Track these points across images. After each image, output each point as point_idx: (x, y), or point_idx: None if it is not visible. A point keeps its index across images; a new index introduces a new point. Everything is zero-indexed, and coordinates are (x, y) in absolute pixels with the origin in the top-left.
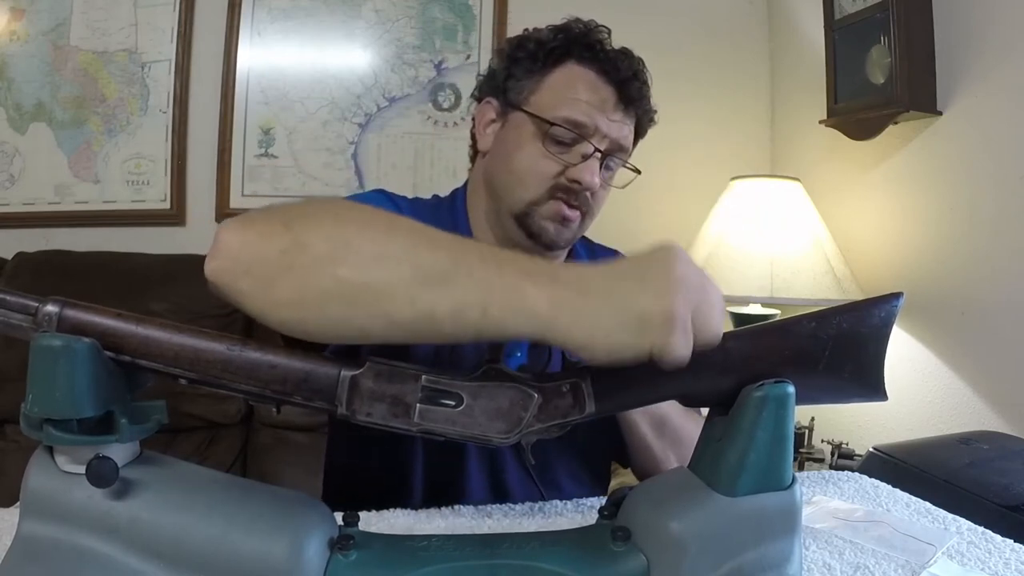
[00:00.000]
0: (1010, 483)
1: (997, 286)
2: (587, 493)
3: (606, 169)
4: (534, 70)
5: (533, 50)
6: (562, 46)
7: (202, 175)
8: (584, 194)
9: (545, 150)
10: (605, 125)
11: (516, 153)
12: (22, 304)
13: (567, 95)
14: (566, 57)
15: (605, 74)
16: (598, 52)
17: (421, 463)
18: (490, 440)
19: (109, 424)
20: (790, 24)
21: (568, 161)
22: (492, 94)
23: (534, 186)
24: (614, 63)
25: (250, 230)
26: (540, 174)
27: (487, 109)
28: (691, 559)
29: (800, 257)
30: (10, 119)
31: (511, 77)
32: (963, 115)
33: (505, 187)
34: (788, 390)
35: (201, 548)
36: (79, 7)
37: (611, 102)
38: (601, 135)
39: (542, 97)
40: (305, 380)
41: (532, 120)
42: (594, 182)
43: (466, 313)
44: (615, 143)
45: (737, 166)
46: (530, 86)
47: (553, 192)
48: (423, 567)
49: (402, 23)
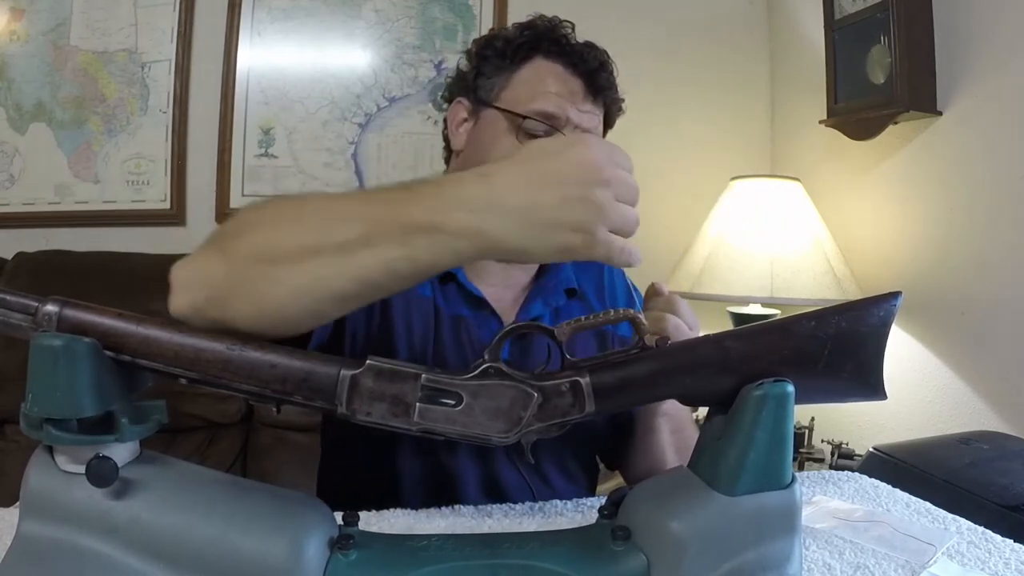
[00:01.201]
0: (1010, 483)
1: (997, 286)
2: (577, 488)
3: None
4: (503, 67)
5: (501, 48)
6: (529, 42)
7: (202, 175)
8: None
9: (519, 144)
10: (576, 116)
11: (490, 149)
12: (22, 304)
13: (537, 89)
14: (534, 52)
15: (573, 66)
16: (564, 46)
17: (411, 460)
18: (490, 439)
19: (109, 424)
20: (790, 24)
21: None
22: (462, 94)
23: None
24: (580, 55)
25: (194, 262)
26: None
27: (458, 109)
28: (691, 558)
29: (800, 257)
30: (10, 119)
31: (481, 75)
32: (963, 115)
33: None
34: (787, 389)
35: (201, 548)
36: (79, 7)
37: (580, 93)
38: (572, 126)
39: (513, 92)
40: (305, 380)
41: (504, 115)
42: None
43: (397, 267)
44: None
45: (737, 166)
46: (500, 83)
47: None
48: (423, 567)
49: (402, 23)
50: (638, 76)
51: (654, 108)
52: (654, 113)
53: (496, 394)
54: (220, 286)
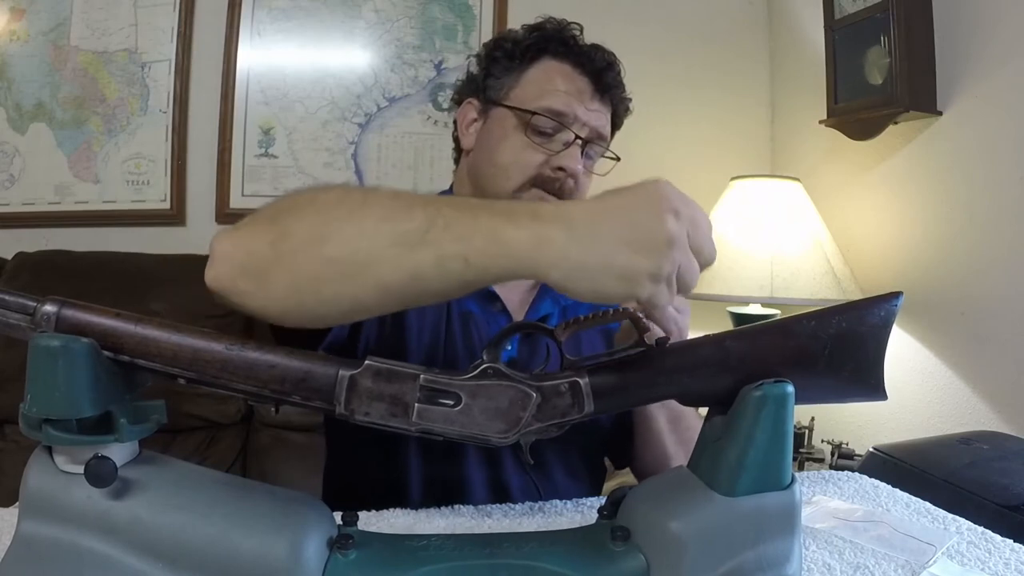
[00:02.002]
0: (1010, 483)
1: (997, 286)
2: (584, 489)
3: (586, 158)
4: (512, 67)
5: (510, 49)
6: (537, 43)
7: (202, 175)
8: (567, 183)
9: (528, 140)
10: (584, 114)
11: (500, 146)
12: (21, 304)
13: (546, 87)
14: (542, 53)
15: (580, 66)
16: (572, 46)
17: (418, 462)
18: (489, 440)
19: (108, 424)
20: (790, 24)
21: (551, 150)
22: (472, 95)
23: (517, 176)
24: (588, 55)
25: (240, 232)
26: (524, 164)
27: (468, 109)
28: (690, 559)
29: (800, 257)
30: (10, 119)
31: (490, 76)
32: (963, 115)
33: (489, 180)
34: (787, 390)
35: (201, 548)
36: (79, 7)
37: (588, 92)
38: (581, 123)
39: (522, 91)
40: (304, 380)
41: (514, 113)
42: (577, 168)
43: (449, 265)
44: (594, 131)
45: (737, 166)
46: (509, 82)
47: (535, 182)
48: (423, 567)
49: (402, 23)
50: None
51: (654, 108)
52: (654, 113)
53: (495, 394)
54: (264, 257)
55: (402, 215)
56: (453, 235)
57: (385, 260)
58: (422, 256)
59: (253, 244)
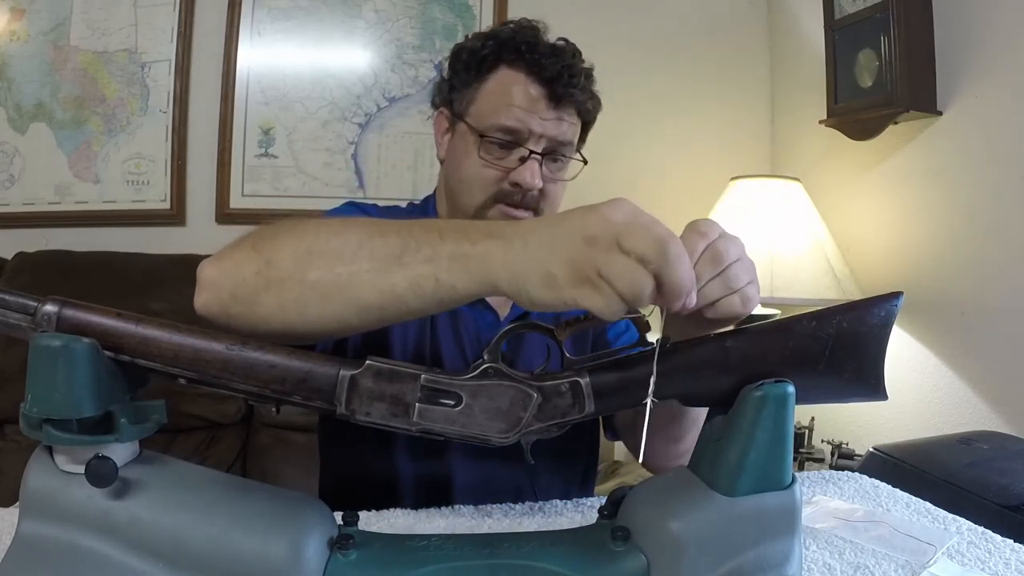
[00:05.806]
0: (1010, 483)
1: (997, 286)
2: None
3: (552, 163)
4: (470, 80)
5: (467, 60)
6: (492, 53)
7: (202, 175)
8: (529, 194)
9: (481, 160)
10: (539, 126)
11: (463, 163)
12: (21, 304)
13: (501, 102)
14: (498, 63)
15: (534, 74)
16: (524, 54)
17: (407, 462)
18: (489, 440)
19: (108, 424)
20: (790, 24)
21: (507, 166)
22: (444, 104)
23: (479, 193)
24: (540, 64)
25: (226, 261)
26: (484, 181)
27: (441, 119)
28: (691, 559)
29: (800, 257)
30: (10, 119)
31: (453, 88)
32: (963, 115)
33: (457, 194)
34: (788, 390)
35: (201, 548)
36: (79, 7)
37: (542, 102)
38: (536, 136)
39: (480, 106)
40: (304, 380)
41: (471, 130)
42: (534, 183)
43: (422, 285)
44: (553, 140)
45: (737, 166)
46: (469, 96)
47: (498, 197)
48: (423, 567)
49: (402, 23)
50: (638, 76)
51: (654, 108)
52: (654, 113)
53: (495, 394)
54: (251, 284)
55: (378, 240)
56: (423, 256)
57: (364, 283)
58: (397, 278)
59: (240, 272)
